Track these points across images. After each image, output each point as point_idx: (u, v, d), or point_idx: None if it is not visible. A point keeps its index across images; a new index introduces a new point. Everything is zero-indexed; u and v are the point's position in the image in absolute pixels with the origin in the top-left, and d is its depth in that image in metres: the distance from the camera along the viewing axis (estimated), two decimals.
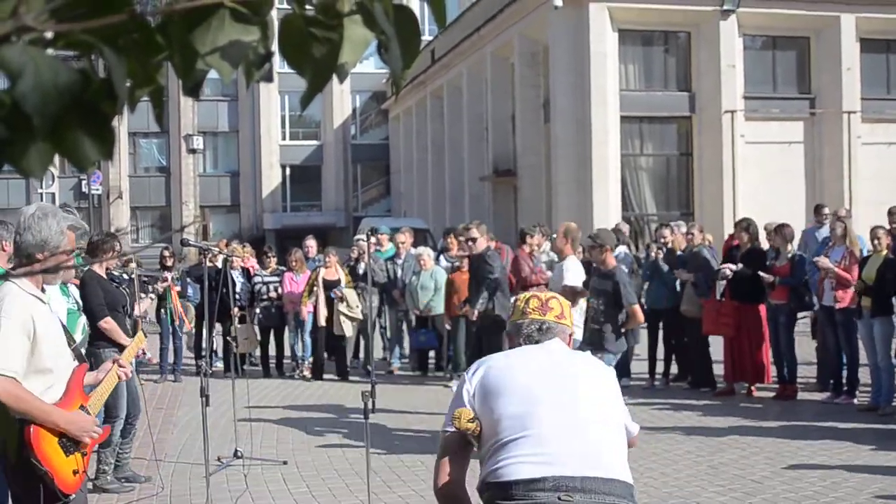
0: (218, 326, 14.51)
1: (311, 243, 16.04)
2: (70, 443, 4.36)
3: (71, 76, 1.05)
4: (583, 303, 9.96)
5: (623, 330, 9.56)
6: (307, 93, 1.26)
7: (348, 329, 14.74)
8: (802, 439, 9.90)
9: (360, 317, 14.77)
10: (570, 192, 32.18)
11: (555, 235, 14.21)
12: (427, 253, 14.95)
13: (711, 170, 32.85)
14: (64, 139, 1.08)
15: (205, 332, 7.89)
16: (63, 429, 4.31)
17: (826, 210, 14.77)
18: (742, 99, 32.76)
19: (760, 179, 32.24)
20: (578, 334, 10.01)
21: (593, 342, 9.37)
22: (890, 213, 13.23)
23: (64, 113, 1.05)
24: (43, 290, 4.58)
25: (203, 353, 14.67)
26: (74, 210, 5.67)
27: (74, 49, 1.10)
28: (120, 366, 4.91)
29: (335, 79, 1.27)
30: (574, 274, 10.13)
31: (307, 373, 15.12)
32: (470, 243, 12.37)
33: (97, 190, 51.27)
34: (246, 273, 15.50)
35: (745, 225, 12.81)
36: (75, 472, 4.44)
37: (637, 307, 9.52)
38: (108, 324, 8.61)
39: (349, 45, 1.20)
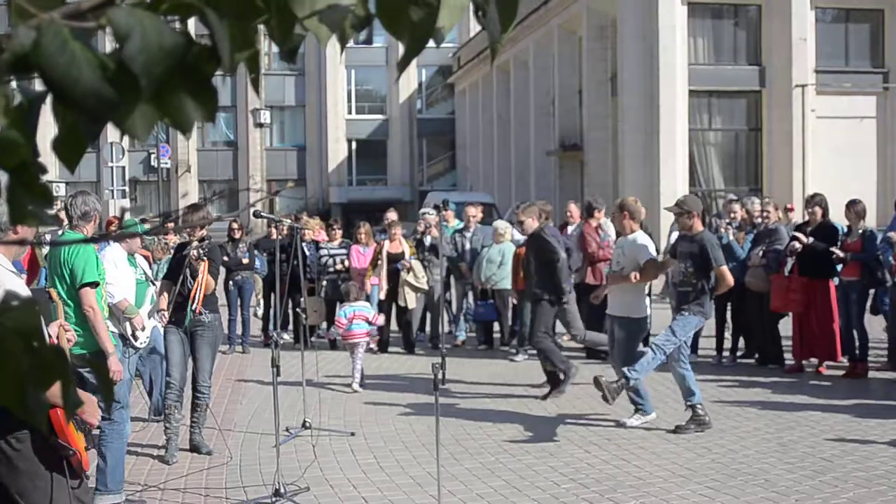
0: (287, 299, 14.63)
1: (392, 215, 16.01)
2: (82, 420, 4.51)
3: (175, 39, 1.06)
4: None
5: (713, 296, 9.62)
6: (404, 57, 1.26)
7: (412, 301, 14.76)
8: (873, 418, 9.77)
9: (426, 288, 14.80)
10: (637, 166, 31.98)
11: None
12: (504, 226, 14.92)
13: (781, 145, 32.44)
14: (168, 101, 1.09)
15: (276, 303, 7.94)
16: (83, 409, 4.45)
17: None
18: (813, 73, 32.28)
19: (831, 155, 31.79)
20: (643, 310, 9.98)
21: (683, 301, 9.47)
22: None
23: (168, 75, 1.06)
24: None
25: (274, 325, 14.83)
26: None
27: (177, 13, 1.11)
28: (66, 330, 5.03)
29: (400, 52, 1.27)
30: (650, 247, 9.98)
31: (374, 345, 15.19)
32: (518, 226, 12.19)
33: (166, 164, 51.90)
34: (314, 246, 15.59)
35: (817, 200, 12.60)
36: (86, 450, 4.58)
37: (725, 269, 9.45)
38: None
39: (447, 9, 1.19)
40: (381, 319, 13.12)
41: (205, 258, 8.33)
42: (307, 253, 14.75)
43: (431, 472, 8.00)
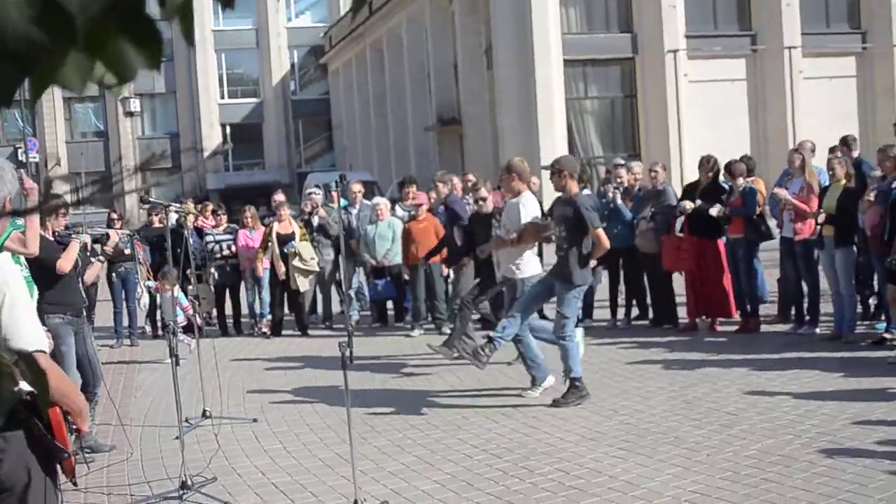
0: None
1: (280, 197, 15.69)
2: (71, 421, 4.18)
3: None
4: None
5: (589, 261, 9.29)
6: None
7: (303, 284, 14.55)
8: (771, 370, 9.91)
9: (316, 269, 14.60)
10: (516, 138, 32.12)
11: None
12: (384, 203, 14.77)
13: (656, 110, 32.93)
14: (105, 46, 0.92)
15: (169, 293, 7.72)
16: (78, 408, 4.08)
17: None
18: (684, 38, 32.80)
19: (705, 118, 32.35)
20: (529, 271, 9.79)
21: (559, 274, 9.21)
22: (843, 141, 13.24)
23: (106, 15, 0.89)
24: None
25: (164, 315, 14.45)
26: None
27: None
28: None
29: (270, 34, 1.11)
30: (530, 209, 9.81)
31: (266, 330, 14.94)
32: (480, 202, 11.90)
33: (34, 157, 50.33)
34: (198, 232, 15.20)
35: (709, 162, 12.74)
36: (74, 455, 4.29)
37: (601, 231, 9.19)
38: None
39: None
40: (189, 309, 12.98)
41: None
42: (189, 240, 14.34)
43: (340, 452, 7.85)
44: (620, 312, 13.75)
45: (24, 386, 3.77)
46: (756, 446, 7.25)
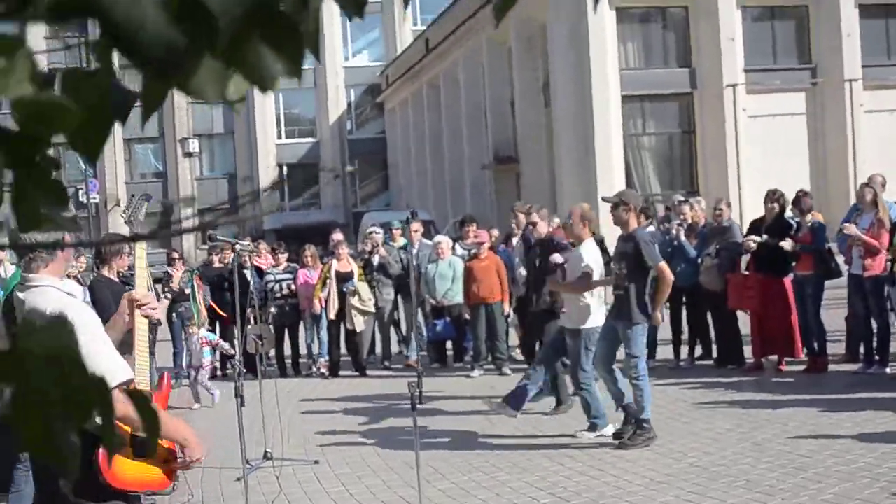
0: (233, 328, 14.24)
1: (338, 236, 15.63)
2: (139, 443, 3.87)
3: None
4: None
5: (654, 301, 8.96)
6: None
7: (360, 324, 14.48)
8: (842, 411, 9.64)
9: (373, 310, 14.54)
10: (574, 175, 31.97)
11: (568, 220, 14.00)
12: (446, 241, 14.65)
13: (714, 146, 32.65)
14: (244, 52, 0.83)
15: (237, 332, 7.63)
16: (167, 437, 3.94)
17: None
18: (742, 72, 32.53)
19: (764, 153, 31.99)
20: (596, 319, 9.58)
21: (619, 314, 8.98)
22: None
23: (248, 16, 0.80)
24: None
25: (230, 354, 14.44)
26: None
27: None
28: (140, 305, 4.16)
29: (328, 74, 1.00)
30: (593, 257, 9.59)
31: (325, 370, 14.88)
32: (530, 227, 11.90)
33: (95, 199, 50.99)
34: (258, 272, 15.19)
35: (776, 196, 12.51)
36: (166, 462, 4.09)
37: (664, 265, 8.92)
38: None
39: None
40: (225, 346, 13.03)
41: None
42: (249, 280, 14.30)
43: (404, 495, 7.74)
44: (684, 352, 13.51)
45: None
46: (832, 490, 7.03)
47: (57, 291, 3.79)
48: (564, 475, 8.05)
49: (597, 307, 9.59)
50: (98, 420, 0.92)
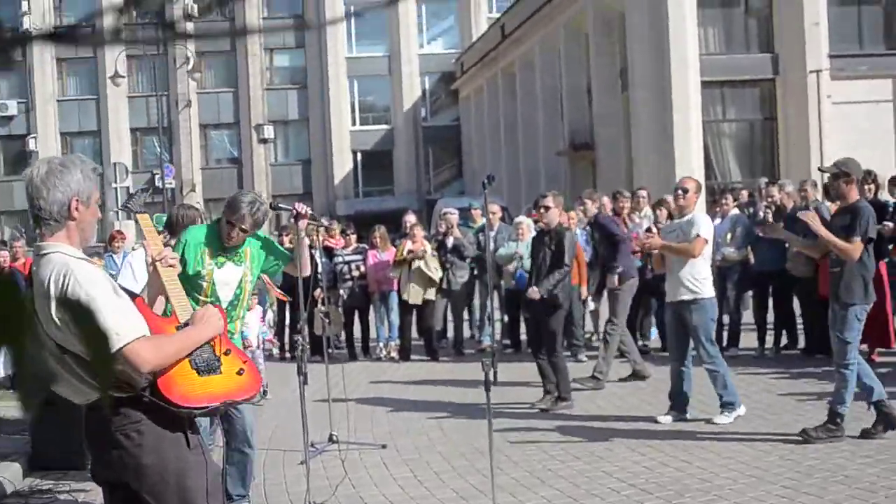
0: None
1: (411, 218, 15.24)
2: (202, 360, 3.86)
3: None
4: (707, 251, 9.13)
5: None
6: None
7: (416, 296, 14.02)
8: None
9: (436, 280, 14.10)
10: (651, 162, 31.32)
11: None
12: (527, 222, 14.14)
13: (797, 133, 31.74)
14: None
15: (301, 309, 7.26)
16: (203, 340, 3.86)
17: None
18: (827, 58, 31.54)
19: (848, 141, 30.93)
20: (707, 289, 9.10)
21: (835, 295, 8.07)
22: None
23: None
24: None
25: (298, 331, 14.11)
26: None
27: None
28: (159, 259, 4.19)
29: (402, 61, 0.58)
30: (707, 225, 9.20)
31: (395, 354, 14.52)
32: (542, 210, 10.68)
33: (171, 184, 51.19)
34: (327, 253, 14.83)
35: (870, 176, 11.87)
36: (239, 372, 3.97)
37: (860, 243, 7.88)
38: None
39: None
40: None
41: None
42: (317, 261, 13.87)
43: (475, 483, 7.32)
44: (769, 342, 12.93)
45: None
46: None
47: (62, 256, 3.71)
48: (646, 465, 7.56)
49: (709, 273, 9.21)
50: None
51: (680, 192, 9.27)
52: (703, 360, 9.02)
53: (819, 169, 8.77)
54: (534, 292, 10.18)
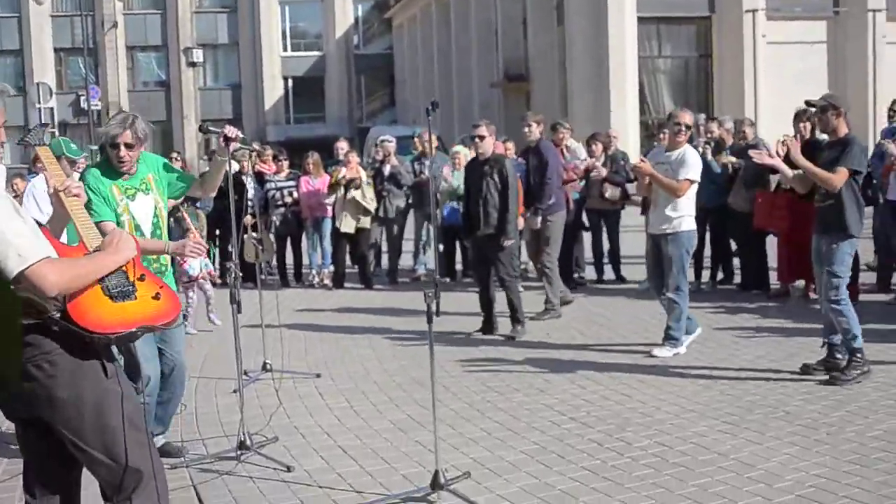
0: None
1: (343, 145, 14.96)
2: (115, 286, 3.68)
3: None
4: (692, 190, 9.06)
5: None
6: None
7: (349, 225, 13.79)
8: (878, 342, 8.94)
9: (371, 210, 13.86)
10: (586, 96, 31.21)
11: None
12: (464, 151, 13.92)
13: (732, 72, 31.83)
14: None
15: (233, 237, 7.02)
16: (115, 265, 3.68)
17: None
18: None
19: (782, 81, 31.11)
20: (685, 222, 9.05)
21: (826, 227, 7.85)
22: None
23: None
24: None
25: (222, 259, 13.84)
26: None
27: None
28: (62, 189, 3.98)
29: None
30: (695, 161, 9.16)
31: (328, 281, 14.30)
32: (477, 140, 10.38)
33: (96, 105, 50.04)
34: (258, 179, 14.47)
35: (806, 116, 11.81)
36: (156, 297, 3.81)
37: (845, 172, 7.67)
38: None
39: None
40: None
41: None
42: (248, 186, 13.46)
43: (412, 414, 7.18)
44: (705, 275, 12.92)
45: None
46: (882, 426, 6.42)
47: None
48: (586, 398, 7.46)
49: (691, 206, 9.18)
50: None
51: (682, 127, 9.14)
52: (669, 289, 8.99)
53: (806, 103, 8.55)
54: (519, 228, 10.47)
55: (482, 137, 10.31)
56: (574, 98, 31.76)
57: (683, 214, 9.05)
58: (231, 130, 6.47)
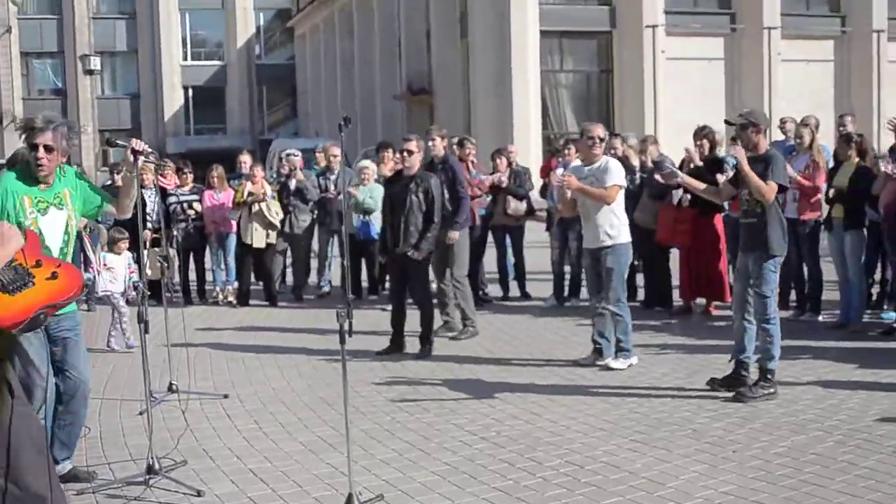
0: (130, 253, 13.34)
1: (246, 158, 14.86)
2: (10, 280, 3.66)
3: None
4: (621, 197, 9.18)
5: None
6: None
7: (259, 239, 13.68)
8: (781, 360, 9.14)
9: (277, 225, 13.78)
10: (489, 109, 31.41)
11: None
12: (372, 167, 13.90)
13: (632, 86, 32.30)
14: None
15: (143, 253, 6.89)
16: (3, 259, 3.56)
17: (788, 122, 13.84)
18: (663, 13, 32.13)
19: (681, 95, 31.70)
20: (622, 235, 9.20)
21: (753, 246, 7.93)
22: (841, 121, 12.57)
23: None
24: None
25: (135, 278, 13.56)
26: None
27: None
28: None
29: None
30: (619, 172, 9.26)
31: (232, 298, 14.14)
32: (405, 154, 10.24)
33: None
34: (161, 192, 14.21)
35: (705, 132, 12.08)
36: (52, 276, 3.79)
37: (775, 186, 7.81)
38: None
39: None
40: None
41: None
42: (147, 200, 13.15)
43: (322, 435, 7.14)
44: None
45: None
46: (785, 443, 6.57)
47: None
48: (496, 418, 7.49)
49: (625, 218, 9.38)
50: None
51: (596, 140, 9.27)
52: (610, 302, 9.10)
53: (726, 121, 8.69)
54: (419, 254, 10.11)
55: (411, 152, 10.25)
56: (477, 111, 31.93)
57: (620, 224, 9.22)
58: (138, 144, 6.35)
